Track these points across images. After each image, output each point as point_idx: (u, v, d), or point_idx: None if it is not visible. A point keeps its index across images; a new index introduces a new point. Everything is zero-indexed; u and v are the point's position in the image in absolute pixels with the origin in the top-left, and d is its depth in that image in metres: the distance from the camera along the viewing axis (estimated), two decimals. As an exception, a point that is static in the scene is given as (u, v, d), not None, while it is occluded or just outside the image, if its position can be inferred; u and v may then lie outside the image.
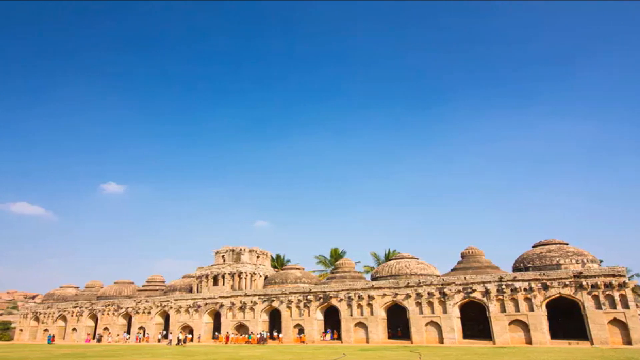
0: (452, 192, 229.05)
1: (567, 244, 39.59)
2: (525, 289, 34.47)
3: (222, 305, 48.66)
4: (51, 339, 56.47)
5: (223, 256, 55.59)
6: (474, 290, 36.31)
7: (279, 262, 70.69)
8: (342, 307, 41.48)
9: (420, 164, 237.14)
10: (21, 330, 65.39)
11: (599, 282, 32.33)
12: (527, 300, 34.42)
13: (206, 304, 50.16)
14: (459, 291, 36.95)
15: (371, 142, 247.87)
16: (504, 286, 35.07)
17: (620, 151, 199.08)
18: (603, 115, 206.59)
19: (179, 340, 45.02)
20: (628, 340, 30.76)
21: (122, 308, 56.70)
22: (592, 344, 31.31)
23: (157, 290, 61.78)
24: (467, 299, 36.87)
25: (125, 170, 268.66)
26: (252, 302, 46.78)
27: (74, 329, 59.75)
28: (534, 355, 25.01)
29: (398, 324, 42.40)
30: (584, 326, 32.69)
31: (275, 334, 46.61)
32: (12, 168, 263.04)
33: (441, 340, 36.26)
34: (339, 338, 42.18)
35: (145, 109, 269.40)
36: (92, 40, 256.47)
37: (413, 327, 37.76)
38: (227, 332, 46.82)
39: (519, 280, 34.91)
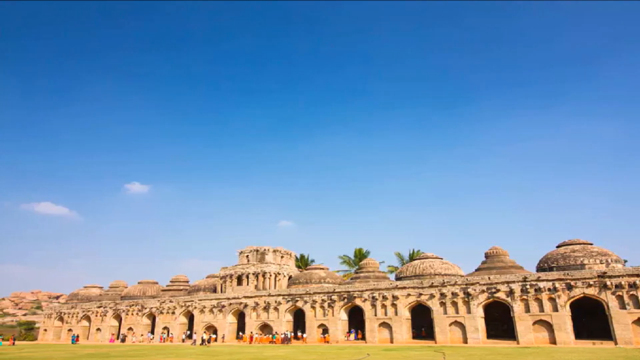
0: (477, 192, 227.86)
1: (591, 244, 40.05)
2: (549, 289, 35.02)
3: (246, 305, 49.56)
4: (75, 339, 57.35)
5: (247, 256, 56.42)
6: (498, 290, 36.92)
7: (303, 262, 71.31)
8: (366, 307, 42.20)
9: (445, 164, 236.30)
10: (45, 330, 66.55)
11: (623, 282, 32.85)
12: (551, 300, 34.90)
13: (230, 304, 51.07)
14: (483, 291, 37.58)
15: (395, 142, 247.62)
16: (528, 286, 35.66)
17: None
18: (628, 115, 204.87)
19: (203, 340, 45.77)
20: (653, 340, 31.20)
21: (146, 308, 57.73)
22: (616, 344, 31.68)
23: (181, 290, 62.66)
24: (491, 299, 37.45)
25: (150, 170, 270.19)
26: (276, 302, 47.63)
27: (98, 329, 60.82)
28: (558, 355, 25.25)
29: (422, 324, 42.94)
30: (608, 326, 33.11)
31: (299, 334, 47.30)
32: (36, 168, 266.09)
33: (465, 340, 36.80)
34: (363, 338, 42.83)
35: (170, 109, 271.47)
36: (117, 41, 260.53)
37: (437, 327, 38.37)
38: (251, 332, 47.58)
39: (543, 280, 35.50)
